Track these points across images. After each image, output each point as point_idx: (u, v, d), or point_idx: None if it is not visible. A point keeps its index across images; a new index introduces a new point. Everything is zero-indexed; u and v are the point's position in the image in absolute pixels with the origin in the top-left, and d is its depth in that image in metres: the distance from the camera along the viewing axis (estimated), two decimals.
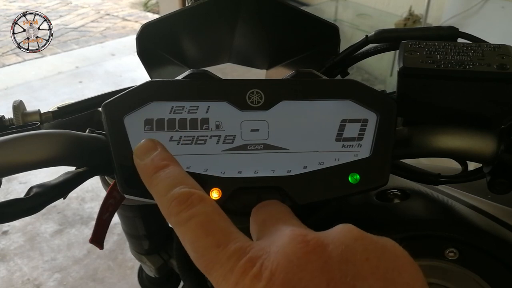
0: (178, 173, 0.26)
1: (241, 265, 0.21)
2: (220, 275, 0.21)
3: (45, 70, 3.23)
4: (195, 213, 0.23)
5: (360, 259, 0.21)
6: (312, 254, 0.21)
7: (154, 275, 0.77)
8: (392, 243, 0.23)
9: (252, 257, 0.21)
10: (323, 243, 0.22)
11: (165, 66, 0.47)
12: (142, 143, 0.28)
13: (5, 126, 0.44)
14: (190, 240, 0.23)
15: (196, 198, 0.24)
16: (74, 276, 1.61)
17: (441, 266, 0.43)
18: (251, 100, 0.33)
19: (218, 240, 0.22)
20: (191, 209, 0.23)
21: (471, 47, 0.38)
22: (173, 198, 0.24)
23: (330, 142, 0.34)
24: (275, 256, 0.21)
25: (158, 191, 0.25)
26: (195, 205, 0.24)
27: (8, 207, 0.31)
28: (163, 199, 0.25)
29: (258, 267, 0.21)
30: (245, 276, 0.21)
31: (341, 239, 0.22)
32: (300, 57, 0.50)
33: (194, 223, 0.23)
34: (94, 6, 4.67)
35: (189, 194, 0.24)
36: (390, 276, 0.21)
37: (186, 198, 0.24)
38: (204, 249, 0.22)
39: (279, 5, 0.45)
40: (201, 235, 0.23)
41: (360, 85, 0.35)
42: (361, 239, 0.22)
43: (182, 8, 0.44)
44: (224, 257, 0.22)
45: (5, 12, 4.30)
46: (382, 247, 0.22)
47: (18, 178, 2.00)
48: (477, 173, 0.42)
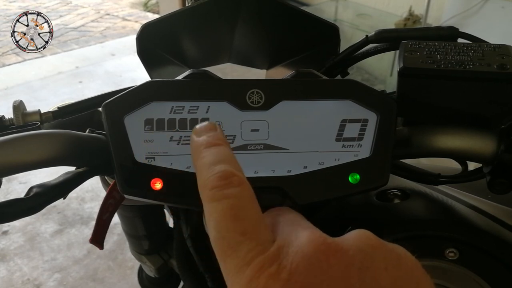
0: (228, 154, 0.25)
1: (259, 261, 0.20)
2: (235, 265, 0.21)
3: (45, 70, 3.23)
4: (231, 194, 0.22)
5: (379, 267, 0.21)
6: (333, 258, 0.20)
7: (154, 275, 0.77)
8: (406, 253, 0.22)
9: (271, 255, 0.21)
10: (343, 248, 0.21)
11: (165, 66, 0.47)
12: (204, 123, 0.27)
13: (5, 126, 0.44)
14: (217, 218, 0.22)
15: (237, 180, 0.23)
16: (74, 276, 1.61)
17: (441, 266, 0.43)
18: (251, 100, 0.33)
19: (244, 228, 0.21)
20: (228, 189, 0.23)
21: (471, 47, 0.38)
22: (215, 172, 0.23)
23: (330, 142, 0.34)
24: (294, 257, 0.20)
25: (203, 164, 0.24)
26: (233, 186, 0.23)
27: (8, 207, 0.31)
28: (205, 171, 0.24)
29: (275, 266, 0.20)
30: (260, 274, 0.20)
31: (360, 246, 0.21)
32: (300, 57, 0.50)
33: (227, 203, 0.22)
34: (94, 6, 4.67)
35: (232, 174, 0.23)
36: (407, 287, 0.21)
37: (227, 176, 0.23)
38: (227, 232, 0.21)
39: (279, 5, 0.45)
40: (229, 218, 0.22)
41: (360, 85, 0.35)
42: (380, 248, 0.22)
43: (182, 8, 0.44)
44: (245, 248, 0.21)
45: (5, 12, 4.30)
46: (398, 257, 0.22)
47: (18, 178, 2.00)
48: (477, 173, 0.42)
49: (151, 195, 0.32)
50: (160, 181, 0.32)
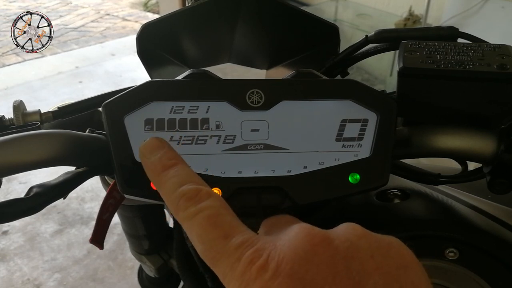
0: (186, 172, 0.26)
1: (248, 255, 0.21)
2: (227, 265, 0.22)
3: (45, 70, 3.23)
4: (203, 207, 0.24)
5: (365, 256, 0.21)
6: (318, 246, 0.21)
7: (154, 275, 0.77)
8: (397, 241, 0.23)
9: (259, 248, 0.22)
10: (329, 237, 0.22)
11: (165, 66, 0.47)
12: (148, 141, 0.28)
13: (5, 126, 0.44)
14: (198, 233, 0.23)
15: (204, 194, 0.24)
16: (74, 276, 1.61)
17: (441, 266, 0.43)
18: (251, 100, 0.33)
19: (225, 232, 0.23)
20: (199, 204, 0.24)
21: (471, 47, 0.38)
22: (181, 195, 0.25)
23: (330, 142, 0.34)
24: (281, 248, 0.21)
25: (167, 189, 0.26)
26: (203, 200, 0.24)
27: (8, 207, 0.31)
28: (171, 196, 0.25)
29: (264, 258, 0.21)
30: (251, 266, 0.21)
31: (346, 235, 0.22)
32: (300, 57, 0.50)
33: (202, 217, 0.23)
34: (94, 6, 4.67)
35: (198, 191, 0.25)
36: (395, 273, 0.21)
37: (195, 194, 0.24)
38: (211, 241, 0.23)
39: (279, 5, 0.45)
40: (209, 228, 0.23)
41: (360, 85, 0.35)
42: (365, 237, 0.23)
43: (182, 8, 0.44)
44: (232, 248, 0.22)
45: (5, 12, 4.30)
46: (387, 245, 0.22)
47: (18, 178, 2.00)
48: (477, 173, 0.42)
49: (151, 195, 0.32)
50: None
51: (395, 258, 0.22)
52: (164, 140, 0.28)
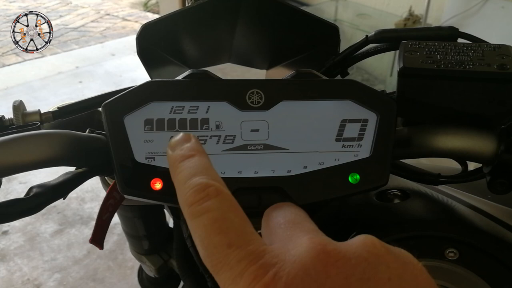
0: (202, 164, 0.24)
1: (252, 271, 0.20)
2: (228, 277, 0.20)
3: (45, 70, 3.23)
4: (209, 207, 0.22)
5: (382, 278, 0.20)
6: (332, 268, 0.19)
7: (154, 275, 0.77)
8: (412, 259, 0.22)
9: (265, 263, 0.20)
10: (344, 256, 0.20)
11: (165, 66, 0.47)
12: (178, 136, 0.27)
13: (5, 126, 0.44)
14: (201, 236, 0.22)
15: (213, 191, 0.23)
16: (74, 276, 1.61)
17: (441, 266, 0.43)
18: (251, 100, 0.33)
19: (229, 240, 0.21)
20: (205, 202, 0.22)
21: (471, 47, 0.38)
22: (190, 187, 0.23)
23: (330, 142, 0.34)
24: (291, 266, 0.20)
25: (179, 180, 0.24)
26: (211, 198, 0.22)
27: (8, 207, 0.31)
28: (182, 187, 0.23)
29: (271, 275, 0.19)
30: (255, 284, 0.19)
31: (364, 254, 0.20)
32: (300, 57, 0.50)
33: (207, 218, 0.22)
34: (94, 6, 4.67)
35: (207, 186, 0.23)
36: None
37: (203, 189, 0.23)
38: (213, 248, 0.21)
39: (279, 5, 0.45)
40: (212, 233, 0.21)
41: (360, 85, 0.35)
42: (384, 256, 0.21)
43: (182, 8, 0.44)
44: (235, 259, 0.20)
45: (5, 12, 4.30)
46: (403, 265, 0.21)
47: (18, 178, 2.00)
48: (477, 173, 0.42)
49: (151, 195, 0.32)
50: (160, 181, 0.32)
51: (410, 279, 0.20)
52: (192, 136, 0.27)
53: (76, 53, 3.59)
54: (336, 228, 0.45)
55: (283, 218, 0.25)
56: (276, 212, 0.26)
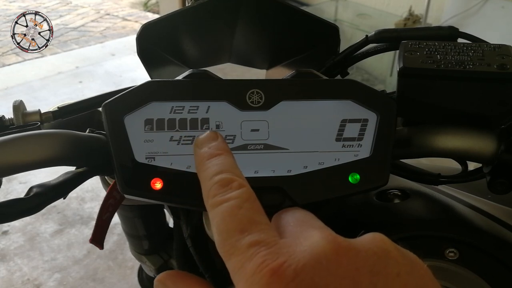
0: (228, 162, 0.26)
1: (261, 256, 0.20)
2: (238, 261, 0.20)
3: (45, 70, 3.23)
4: (230, 197, 0.23)
5: (391, 273, 0.20)
6: (343, 257, 0.20)
7: (154, 275, 0.77)
8: (418, 260, 0.22)
9: (276, 251, 0.20)
10: (355, 248, 0.20)
11: (165, 66, 0.47)
12: (205, 134, 0.28)
13: (5, 126, 0.44)
14: (217, 223, 0.22)
15: (236, 185, 0.24)
16: (74, 276, 1.61)
17: (441, 266, 0.43)
18: (251, 100, 0.33)
19: (243, 226, 0.21)
20: (227, 194, 0.23)
21: (471, 47, 0.38)
22: (215, 182, 0.24)
23: (330, 142, 0.34)
24: (302, 255, 0.19)
25: (205, 176, 0.25)
26: (233, 190, 0.23)
27: (8, 207, 0.31)
28: (207, 183, 0.25)
29: (280, 261, 0.19)
30: (263, 268, 0.19)
31: (374, 249, 0.20)
32: (300, 57, 0.50)
33: (225, 206, 0.23)
34: (94, 6, 4.67)
35: (231, 180, 0.24)
36: None
37: (227, 183, 0.24)
38: (227, 233, 0.22)
39: (279, 5, 0.45)
40: (228, 218, 0.22)
41: (360, 85, 0.35)
42: (393, 252, 0.21)
43: (182, 8, 0.44)
44: (246, 244, 0.21)
45: (5, 12, 4.30)
46: (411, 263, 0.21)
47: (18, 178, 2.00)
48: (477, 173, 0.42)
49: (151, 195, 0.32)
50: (160, 181, 0.32)
51: (417, 277, 0.21)
52: (219, 134, 0.28)
53: (76, 53, 3.59)
54: (336, 228, 0.45)
55: (292, 217, 0.26)
56: (285, 214, 0.27)
